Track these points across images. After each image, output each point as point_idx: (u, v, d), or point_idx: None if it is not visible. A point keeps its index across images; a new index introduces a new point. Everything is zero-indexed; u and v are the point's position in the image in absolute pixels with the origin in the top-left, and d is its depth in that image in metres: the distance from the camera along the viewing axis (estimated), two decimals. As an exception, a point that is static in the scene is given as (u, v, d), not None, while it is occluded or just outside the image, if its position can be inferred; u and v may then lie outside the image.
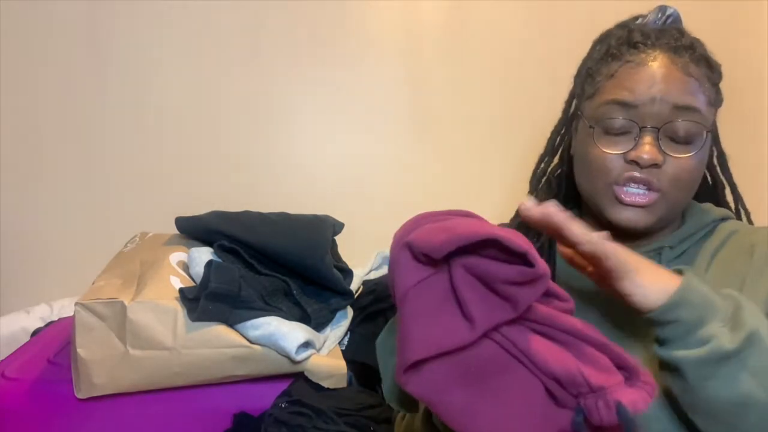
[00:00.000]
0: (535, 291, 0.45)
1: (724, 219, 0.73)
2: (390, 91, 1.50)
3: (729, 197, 0.78)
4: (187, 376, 0.93)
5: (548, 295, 0.51)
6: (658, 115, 0.64)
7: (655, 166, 0.64)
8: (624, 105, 0.66)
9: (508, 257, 0.45)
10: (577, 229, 0.52)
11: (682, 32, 0.69)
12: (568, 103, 0.79)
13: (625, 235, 0.70)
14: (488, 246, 0.45)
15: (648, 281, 0.53)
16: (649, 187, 0.65)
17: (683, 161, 0.65)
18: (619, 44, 0.69)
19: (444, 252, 0.45)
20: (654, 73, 0.65)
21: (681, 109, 0.64)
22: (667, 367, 0.54)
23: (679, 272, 0.55)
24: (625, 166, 0.66)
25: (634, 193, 0.66)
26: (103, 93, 1.42)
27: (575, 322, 0.49)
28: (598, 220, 0.72)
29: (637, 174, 0.65)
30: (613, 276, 0.54)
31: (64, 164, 1.43)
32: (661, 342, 0.55)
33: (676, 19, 0.71)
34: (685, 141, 0.65)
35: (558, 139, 0.80)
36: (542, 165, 0.81)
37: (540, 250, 0.76)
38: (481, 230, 0.44)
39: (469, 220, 0.50)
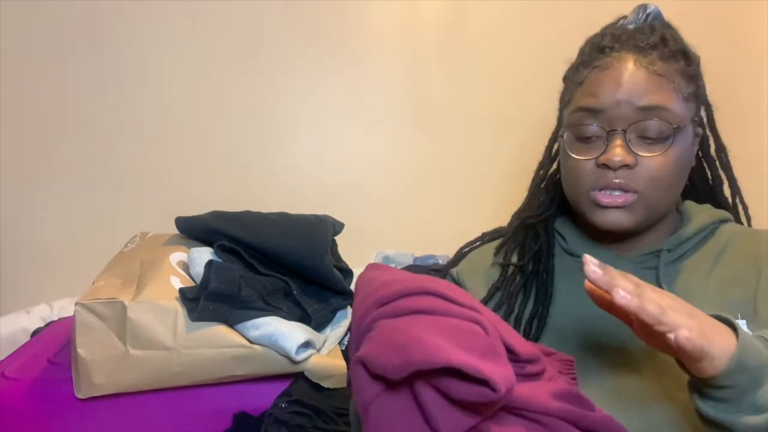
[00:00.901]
0: (498, 405, 0.44)
1: (723, 221, 0.72)
2: (390, 91, 1.50)
3: (727, 192, 0.77)
4: (187, 376, 0.93)
5: (519, 361, 0.51)
6: (625, 117, 0.64)
7: (627, 167, 0.64)
8: (591, 111, 0.66)
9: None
10: (652, 308, 0.48)
11: (654, 29, 0.67)
12: (560, 110, 0.79)
13: (618, 237, 0.70)
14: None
15: (718, 352, 0.49)
16: (625, 190, 0.64)
17: (657, 160, 0.64)
18: (591, 51, 0.69)
19: (399, 377, 0.43)
20: (618, 76, 0.64)
21: (647, 109, 0.63)
22: (716, 425, 0.52)
23: (727, 322, 0.52)
24: (598, 172, 0.65)
25: (611, 194, 0.65)
26: (104, 93, 1.42)
27: (546, 399, 0.48)
28: (589, 225, 0.71)
29: (612, 180, 0.64)
30: (686, 358, 0.50)
31: (64, 164, 1.43)
32: (706, 397, 0.52)
33: (657, 16, 0.71)
34: (656, 140, 0.64)
35: (555, 147, 0.80)
36: (541, 172, 0.81)
37: (537, 255, 0.75)
38: (438, 356, 0.41)
39: (430, 326, 0.46)
